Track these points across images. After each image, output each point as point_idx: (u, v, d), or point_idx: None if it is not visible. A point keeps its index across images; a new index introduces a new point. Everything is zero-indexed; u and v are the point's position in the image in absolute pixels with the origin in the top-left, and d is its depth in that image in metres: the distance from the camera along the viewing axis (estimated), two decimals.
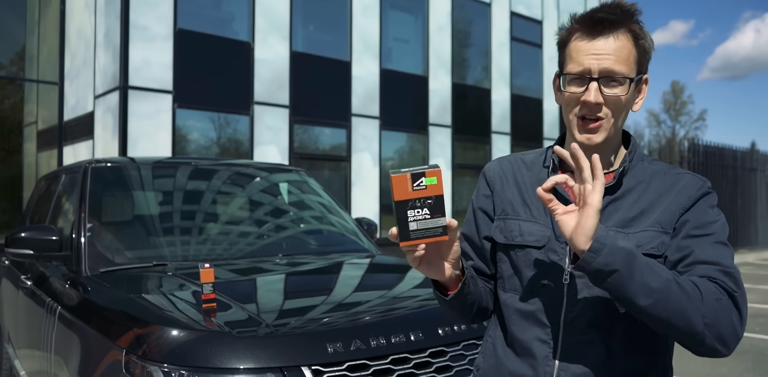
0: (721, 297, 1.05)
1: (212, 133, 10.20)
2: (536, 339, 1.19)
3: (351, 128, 11.87)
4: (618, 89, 1.14)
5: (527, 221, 1.25)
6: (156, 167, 3.45)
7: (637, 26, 1.16)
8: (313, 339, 1.80)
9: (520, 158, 1.35)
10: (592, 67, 1.14)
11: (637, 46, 1.15)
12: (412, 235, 1.06)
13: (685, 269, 1.11)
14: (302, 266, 2.85)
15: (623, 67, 1.14)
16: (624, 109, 1.17)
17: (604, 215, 1.17)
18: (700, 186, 1.19)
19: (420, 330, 1.94)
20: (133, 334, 1.92)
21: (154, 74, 9.32)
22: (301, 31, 11.45)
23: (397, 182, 1.04)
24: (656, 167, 1.24)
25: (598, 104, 1.14)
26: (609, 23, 1.14)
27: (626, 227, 1.16)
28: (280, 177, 3.79)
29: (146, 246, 2.92)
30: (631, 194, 1.19)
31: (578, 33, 1.17)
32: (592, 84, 1.14)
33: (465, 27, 14.49)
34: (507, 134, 15.13)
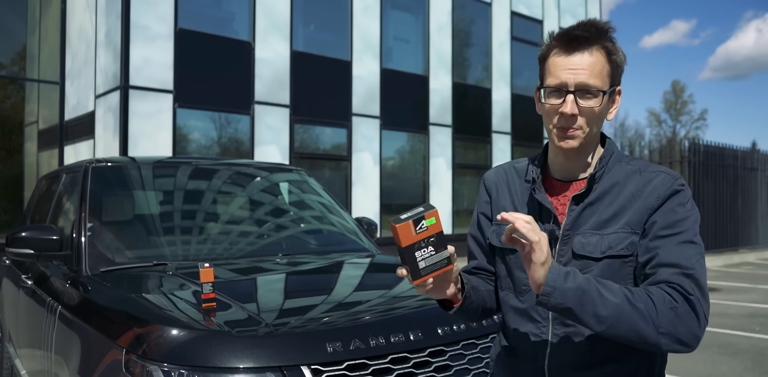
0: (676, 305, 1.13)
1: (213, 133, 10.20)
2: (530, 332, 1.33)
3: (351, 128, 11.87)
4: (592, 101, 1.24)
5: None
6: (156, 167, 3.46)
7: (609, 43, 1.26)
8: (312, 338, 1.81)
9: (513, 166, 1.48)
10: (569, 81, 1.24)
11: (609, 62, 1.25)
12: (422, 272, 1.17)
13: (651, 272, 1.20)
14: (302, 266, 2.86)
15: (597, 80, 1.23)
16: (598, 119, 1.27)
17: (582, 218, 1.28)
18: (670, 185, 1.26)
19: (419, 329, 1.95)
20: (133, 333, 1.93)
21: (154, 74, 9.32)
22: (301, 30, 11.45)
23: (402, 230, 1.14)
24: (633, 167, 1.32)
25: (573, 115, 1.25)
26: (584, 40, 1.24)
27: (601, 229, 1.26)
28: (280, 177, 3.79)
29: (146, 246, 2.93)
30: (607, 196, 1.28)
31: (556, 49, 1.29)
32: (569, 97, 1.24)
33: (465, 26, 14.49)
34: (507, 134, 15.12)
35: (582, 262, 1.26)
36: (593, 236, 1.26)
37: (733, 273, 12.23)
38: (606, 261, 1.24)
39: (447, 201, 13.57)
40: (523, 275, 1.33)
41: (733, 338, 6.12)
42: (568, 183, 1.34)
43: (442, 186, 13.48)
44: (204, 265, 1.95)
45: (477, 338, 2.07)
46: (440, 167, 13.46)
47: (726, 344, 5.83)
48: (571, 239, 1.28)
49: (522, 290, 1.34)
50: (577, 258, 1.26)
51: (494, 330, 2.15)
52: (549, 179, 1.38)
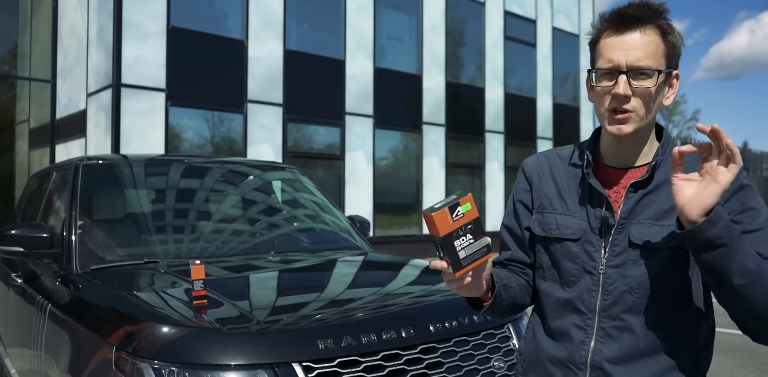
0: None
1: (206, 131, 10.17)
2: (573, 325, 1.27)
3: (345, 127, 11.86)
4: (647, 82, 1.18)
5: (564, 215, 1.31)
6: (148, 165, 3.44)
7: (664, 23, 1.20)
8: (304, 335, 1.80)
9: (556, 153, 1.41)
10: (621, 61, 1.18)
11: (665, 41, 1.19)
12: (463, 263, 1.11)
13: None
14: (294, 264, 2.85)
15: (651, 60, 1.18)
16: (653, 101, 1.20)
17: (639, 207, 1.22)
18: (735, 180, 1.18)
19: (411, 326, 1.94)
20: (123, 331, 1.92)
21: (147, 72, 9.28)
22: (295, 29, 11.43)
23: (438, 218, 1.08)
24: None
25: (627, 96, 1.18)
26: (636, 19, 1.18)
27: (660, 220, 1.21)
28: (273, 175, 3.78)
29: (138, 244, 2.91)
30: (666, 186, 1.22)
31: (607, 31, 1.22)
32: (621, 77, 1.18)
33: (459, 26, 14.50)
34: (501, 133, 15.15)
35: (639, 252, 1.21)
36: (652, 226, 1.20)
37: None
38: (666, 253, 1.19)
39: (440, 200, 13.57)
40: (571, 265, 1.27)
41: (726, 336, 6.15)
42: (623, 170, 1.28)
43: (436, 185, 13.48)
44: (195, 262, 1.94)
45: (468, 335, 2.07)
46: (433, 166, 13.47)
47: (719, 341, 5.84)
48: (627, 228, 1.22)
49: (569, 280, 1.28)
50: (634, 248, 1.21)
51: (486, 327, 2.15)
52: (600, 166, 1.31)
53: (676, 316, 1.22)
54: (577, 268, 1.27)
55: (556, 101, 16.89)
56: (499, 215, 15.07)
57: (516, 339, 2.23)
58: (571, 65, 17.68)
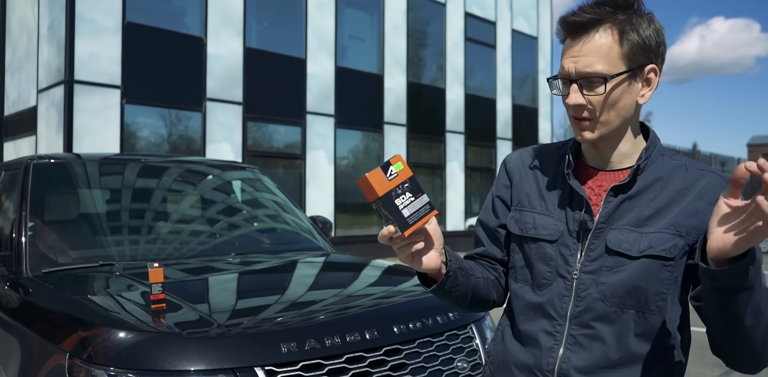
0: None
1: (163, 130, 9.95)
2: (542, 330, 1.22)
3: (306, 126, 11.78)
4: (600, 89, 1.13)
5: (542, 215, 1.26)
6: (103, 164, 3.33)
7: (624, 20, 1.13)
8: (266, 339, 1.77)
9: (541, 149, 1.36)
10: (570, 70, 1.15)
11: (623, 41, 1.13)
12: (409, 221, 1.07)
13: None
14: (255, 265, 2.81)
15: (601, 66, 1.12)
16: (614, 106, 1.15)
17: (619, 212, 1.18)
18: (720, 188, 1.16)
19: (375, 328, 1.93)
20: (77, 337, 1.85)
21: (101, 68, 9.03)
22: (255, 27, 11.29)
23: (373, 178, 1.05)
24: (677, 162, 1.22)
25: (578, 106, 1.15)
26: (581, 26, 1.14)
27: (640, 227, 1.16)
28: (233, 175, 3.72)
29: (92, 246, 2.82)
30: (648, 191, 1.18)
31: (566, 37, 1.18)
32: (573, 86, 1.15)
33: (420, 26, 14.57)
34: (461, 134, 15.29)
35: (615, 259, 1.16)
36: (631, 232, 1.15)
37: None
38: (643, 261, 1.13)
39: None
40: (544, 267, 1.22)
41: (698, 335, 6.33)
42: (606, 172, 1.23)
43: None
44: (153, 265, 1.88)
45: (432, 336, 2.07)
46: None
47: None
48: (605, 233, 1.17)
49: (542, 283, 1.23)
50: (610, 254, 1.16)
51: (449, 327, 2.16)
52: (583, 166, 1.26)
53: (651, 327, 1.17)
54: (550, 271, 1.22)
55: (515, 102, 17.14)
56: (460, 215, 15.21)
57: (479, 340, 2.24)
58: (530, 67, 17.97)
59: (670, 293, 1.15)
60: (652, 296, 1.15)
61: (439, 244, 1.17)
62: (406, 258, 1.13)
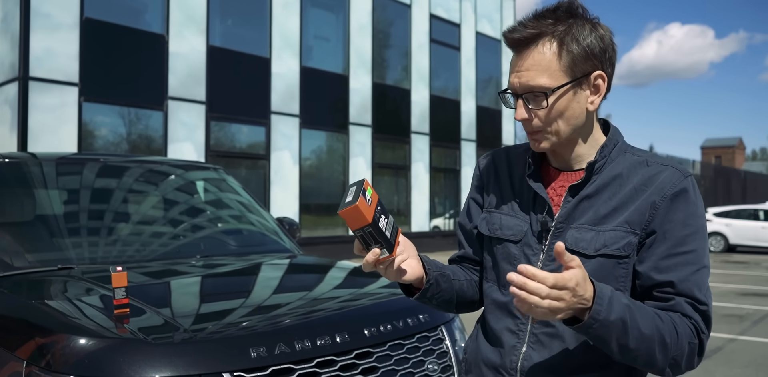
0: (692, 341, 1.10)
1: (123, 129, 9.72)
2: (507, 329, 1.25)
3: (270, 126, 11.66)
4: (543, 102, 1.14)
5: (508, 215, 1.28)
6: (60, 164, 3.22)
7: (564, 31, 1.13)
8: (234, 343, 1.73)
9: (511, 151, 1.37)
10: (515, 84, 1.17)
11: (562, 52, 1.13)
12: (392, 240, 1.11)
13: (664, 296, 1.14)
14: (221, 268, 2.75)
15: (543, 79, 1.13)
16: (561, 116, 1.16)
17: (577, 211, 1.19)
18: (677, 182, 1.16)
19: (345, 331, 1.91)
20: (34, 344, 1.78)
21: (58, 65, 8.76)
22: (218, 25, 11.12)
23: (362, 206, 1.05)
24: (639, 158, 1.22)
25: (526, 120, 1.17)
26: (520, 41, 1.14)
27: (598, 225, 1.17)
28: (196, 175, 3.64)
29: (50, 249, 2.72)
30: (607, 190, 1.19)
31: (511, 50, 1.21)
32: (519, 102, 1.17)
33: (386, 27, 14.59)
34: (426, 135, 15.36)
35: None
36: (588, 231, 1.16)
37: None
38: (599, 260, 1.15)
39: None
40: (509, 267, 1.23)
41: None
42: (567, 173, 1.25)
43: None
44: (116, 269, 1.82)
45: (403, 338, 2.06)
46: (360, 166, 13.47)
47: None
48: (564, 232, 1.19)
49: (506, 283, 1.17)
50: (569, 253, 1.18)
51: (419, 329, 2.14)
52: (547, 167, 1.28)
53: None
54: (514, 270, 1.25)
55: (479, 103, 17.31)
56: (425, 215, 15.27)
57: (449, 341, 2.24)
58: (494, 69, 18.18)
59: (625, 290, 1.17)
60: None
61: (414, 253, 1.21)
62: (396, 275, 1.17)
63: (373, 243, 1.09)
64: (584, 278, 1.00)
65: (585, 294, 1.00)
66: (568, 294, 0.98)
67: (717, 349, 5.63)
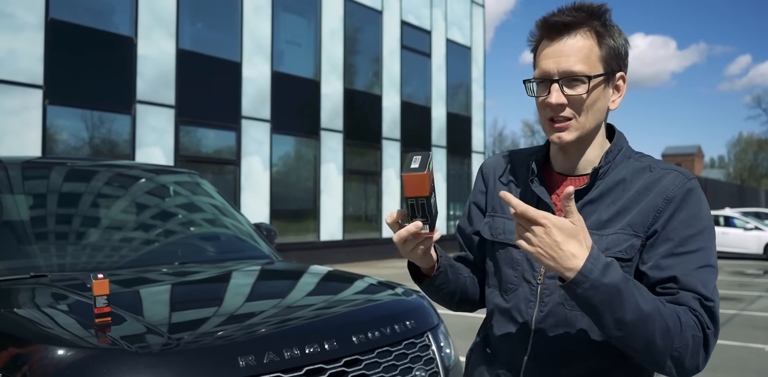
0: (696, 334, 1.07)
1: (89, 133, 9.49)
2: (510, 335, 1.25)
3: (241, 131, 11.53)
4: (580, 88, 1.14)
5: (511, 220, 1.25)
6: (27, 168, 3.11)
7: (600, 25, 1.16)
8: (222, 352, 1.68)
9: (515, 155, 1.36)
10: (552, 70, 1.15)
11: (600, 45, 1.16)
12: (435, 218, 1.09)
13: (667, 291, 1.11)
14: (201, 275, 2.68)
15: (583, 66, 1.14)
16: (592, 107, 1.16)
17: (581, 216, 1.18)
18: (681, 185, 1.16)
19: (334, 338, 1.87)
20: (8, 354, 1.70)
21: (21, 67, 8.51)
22: (188, 28, 10.97)
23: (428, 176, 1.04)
24: (642, 164, 1.22)
25: (560, 105, 1.15)
26: (564, 26, 1.15)
27: (601, 229, 1.17)
28: (171, 179, 3.56)
29: (20, 256, 2.61)
30: (610, 194, 1.19)
31: (543, 39, 1.19)
32: (554, 86, 1.15)
33: (357, 33, 14.60)
34: (397, 141, 15.39)
35: None
36: (592, 235, 1.13)
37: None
38: None
39: (338, 207, 13.53)
40: (511, 272, 1.24)
41: None
42: (572, 178, 1.24)
43: (333, 191, 13.43)
44: (98, 276, 1.75)
45: (391, 345, 2.03)
46: (331, 172, 13.42)
47: None
48: None
49: (508, 288, 1.25)
50: None
51: (406, 336, 2.12)
52: (550, 172, 1.28)
53: None
54: (516, 275, 1.25)
55: (449, 110, 17.43)
56: None
57: (435, 347, 2.22)
58: (464, 76, 18.35)
59: None
60: None
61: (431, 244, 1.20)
62: (421, 256, 1.16)
63: (420, 216, 1.07)
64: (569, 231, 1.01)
65: (564, 244, 1.00)
66: (540, 230, 1.00)
67: None
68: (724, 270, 13.99)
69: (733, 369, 5.16)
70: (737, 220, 17.37)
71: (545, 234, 1.00)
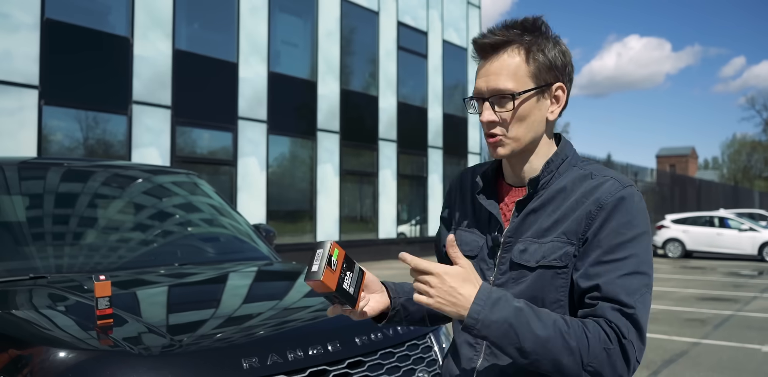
0: (609, 347, 1.08)
1: (85, 133, 9.45)
2: (466, 342, 1.29)
3: (237, 132, 11.51)
4: (509, 105, 1.19)
5: (467, 232, 1.33)
6: (24, 168, 3.09)
7: (530, 41, 1.19)
8: (225, 354, 1.67)
9: (477, 170, 1.39)
10: (482, 88, 1.21)
11: (529, 60, 1.19)
12: (354, 295, 1.16)
13: (590, 302, 1.14)
14: (203, 276, 2.67)
15: (510, 83, 1.18)
16: (524, 122, 1.20)
17: (524, 225, 1.23)
18: (615, 191, 1.17)
19: (337, 340, 1.87)
20: (7, 356, 1.69)
21: (17, 67, 8.47)
22: (185, 28, 10.95)
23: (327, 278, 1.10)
24: (584, 172, 1.25)
25: (491, 122, 1.21)
26: (490, 47, 1.20)
27: (540, 238, 1.21)
28: (170, 180, 3.54)
29: (18, 257, 2.60)
30: (552, 203, 1.22)
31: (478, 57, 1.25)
32: (485, 104, 1.21)
33: (354, 34, 14.59)
34: (393, 141, 15.38)
35: (519, 272, 1.21)
36: (532, 244, 1.20)
37: None
38: (539, 271, 1.18)
39: (334, 207, 13.52)
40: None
41: None
42: (518, 188, 1.29)
43: (330, 192, 13.42)
44: (99, 277, 1.74)
45: (393, 347, 2.03)
46: (327, 173, 13.40)
47: None
48: (513, 246, 1.23)
49: None
50: (514, 267, 1.22)
51: (409, 337, 2.12)
52: (502, 184, 1.33)
53: None
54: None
55: (445, 111, 17.45)
56: (392, 222, 15.27)
57: (437, 348, 2.22)
58: (460, 77, 18.37)
59: (565, 299, 1.19)
60: (550, 304, 1.19)
61: (378, 286, 1.26)
62: (360, 317, 1.22)
63: (337, 302, 1.15)
64: (461, 276, 1.07)
65: (459, 288, 1.06)
66: (435, 280, 1.06)
67: (682, 353, 5.76)
68: (719, 271, 14.05)
69: (729, 370, 5.18)
70: (732, 221, 17.44)
71: (440, 283, 1.06)
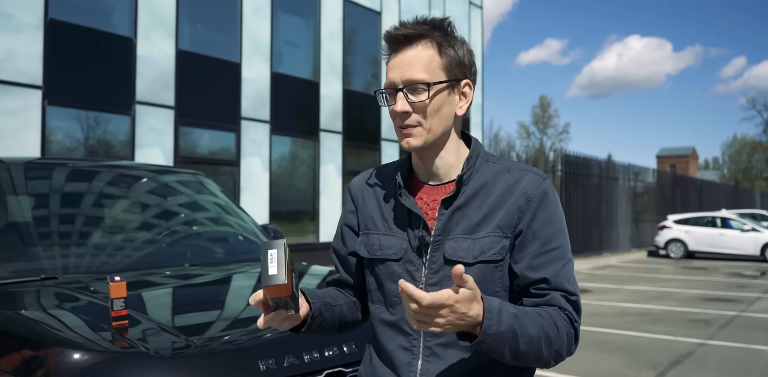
0: (569, 331, 1.18)
1: (88, 133, 9.44)
2: (399, 347, 1.26)
3: (240, 132, 11.51)
4: (423, 95, 1.20)
5: (386, 235, 1.30)
6: (29, 169, 3.08)
7: (441, 36, 1.22)
8: (242, 356, 1.67)
9: (379, 171, 1.40)
10: (396, 79, 1.22)
11: (441, 54, 1.22)
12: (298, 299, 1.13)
13: (539, 292, 1.20)
14: (214, 276, 2.66)
15: (424, 74, 1.20)
16: (437, 113, 1.22)
17: (452, 222, 1.23)
18: (538, 185, 1.23)
19: (353, 341, 1.86)
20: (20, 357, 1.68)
21: (20, 67, 8.47)
22: (188, 29, 10.94)
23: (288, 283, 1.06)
24: (500, 166, 1.28)
25: (405, 112, 1.21)
26: (405, 38, 1.22)
27: (472, 233, 1.22)
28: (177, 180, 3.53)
29: (29, 258, 2.59)
30: (476, 198, 1.24)
31: (389, 53, 1.26)
32: (399, 94, 1.21)
33: (356, 34, 14.59)
34: (396, 142, 15.37)
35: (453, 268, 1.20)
36: (465, 240, 1.21)
37: (599, 275, 13.22)
38: (478, 266, 1.20)
39: (337, 208, 13.52)
40: (394, 286, 1.26)
41: (607, 336, 6.57)
42: (437, 186, 1.29)
43: (332, 193, 13.42)
44: (114, 278, 1.74)
45: None
46: (330, 173, 13.40)
47: (602, 341, 6.24)
48: (443, 244, 1.23)
49: (393, 302, 1.28)
50: (449, 264, 1.21)
51: None
52: (417, 183, 1.32)
53: None
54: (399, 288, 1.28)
55: None
56: None
57: None
58: None
59: (504, 290, 1.23)
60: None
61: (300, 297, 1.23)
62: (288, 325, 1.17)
63: (285, 307, 1.10)
64: (470, 299, 1.02)
65: (469, 311, 1.03)
66: (446, 311, 1.01)
67: (688, 354, 5.75)
68: (721, 272, 14.04)
69: (735, 371, 5.17)
70: (734, 222, 17.42)
71: (451, 312, 1.02)
